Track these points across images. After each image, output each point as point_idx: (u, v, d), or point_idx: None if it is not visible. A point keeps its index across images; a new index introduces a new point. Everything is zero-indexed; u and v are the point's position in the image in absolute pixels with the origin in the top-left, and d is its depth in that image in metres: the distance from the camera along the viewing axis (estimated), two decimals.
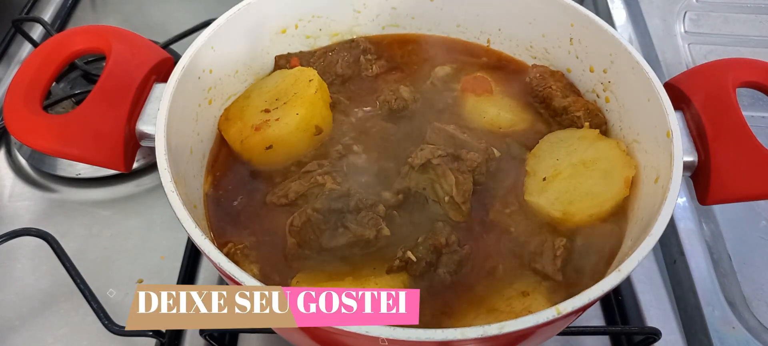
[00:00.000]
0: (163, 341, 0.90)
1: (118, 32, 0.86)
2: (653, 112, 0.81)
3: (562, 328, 0.80)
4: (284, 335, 0.78)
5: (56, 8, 1.53)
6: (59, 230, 0.99)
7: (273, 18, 0.99)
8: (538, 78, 0.97)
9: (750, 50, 1.45)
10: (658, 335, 0.87)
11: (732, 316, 0.97)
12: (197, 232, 0.65)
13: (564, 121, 0.92)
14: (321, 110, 0.88)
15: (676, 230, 1.07)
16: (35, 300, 0.98)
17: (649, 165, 0.81)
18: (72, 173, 1.13)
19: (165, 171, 0.70)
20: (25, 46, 1.42)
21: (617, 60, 0.90)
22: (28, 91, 0.77)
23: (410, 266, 0.75)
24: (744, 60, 0.88)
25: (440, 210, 0.81)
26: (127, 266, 1.02)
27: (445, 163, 0.82)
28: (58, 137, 0.75)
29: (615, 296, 0.99)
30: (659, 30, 1.48)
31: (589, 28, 0.93)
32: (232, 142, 0.89)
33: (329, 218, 0.78)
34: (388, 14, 1.07)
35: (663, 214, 0.68)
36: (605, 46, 0.91)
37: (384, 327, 0.57)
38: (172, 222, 1.04)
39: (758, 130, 0.80)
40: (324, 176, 0.82)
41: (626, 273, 0.63)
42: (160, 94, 0.79)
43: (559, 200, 0.81)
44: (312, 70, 0.92)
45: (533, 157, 0.88)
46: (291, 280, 0.75)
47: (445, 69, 1.01)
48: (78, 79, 1.28)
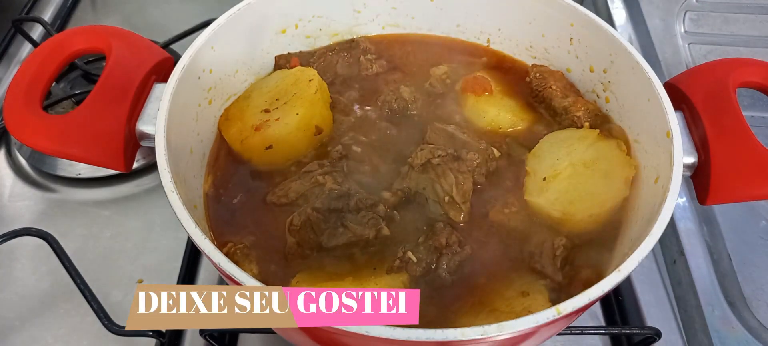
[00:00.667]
0: (163, 341, 0.90)
1: (118, 32, 0.86)
2: (653, 112, 0.81)
3: (562, 328, 0.80)
4: (284, 335, 0.78)
5: (56, 8, 1.53)
6: (59, 230, 0.98)
7: (273, 18, 0.99)
8: (538, 78, 0.97)
9: (750, 50, 1.45)
10: (658, 335, 0.87)
11: (732, 316, 0.97)
12: (197, 232, 0.65)
13: (564, 121, 0.92)
14: (321, 110, 0.88)
15: (676, 230, 1.07)
16: (35, 300, 0.98)
17: (649, 165, 0.81)
18: (72, 172, 1.13)
19: (165, 171, 0.70)
20: (25, 46, 1.42)
21: (617, 60, 0.90)
22: (28, 91, 0.77)
23: (410, 266, 0.75)
24: (744, 60, 0.88)
25: (440, 210, 0.81)
26: (127, 266, 1.02)
27: (445, 163, 0.82)
28: (58, 137, 0.75)
29: (615, 296, 0.99)
30: (659, 30, 1.48)
31: (588, 28, 0.93)
32: (232, 142, 0.89)
33: (329, 218, 0.78)
34: (388, 14, 1.07)
35: (663, 214, 0.68)
36: (605, 46, 0.91)
37: (384, 327, 0.57)
38: (172, 222, 1.04)
39: (758, 130, 0.80)
40: (324, 176, 0.82)
41: (626, 273, 0.63)
42: (160, 94, 0.79)
43: (559, 200, 0.81)
44: (312, 70, 0.92)
45: (533, 157, 0.88)
46: (291, 280, 0.75)
47: (445, 69, 1.01)
48: (78, 79, 1.28)
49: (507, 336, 0.58)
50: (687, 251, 1.04)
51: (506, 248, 0.79)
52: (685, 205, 1.11)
